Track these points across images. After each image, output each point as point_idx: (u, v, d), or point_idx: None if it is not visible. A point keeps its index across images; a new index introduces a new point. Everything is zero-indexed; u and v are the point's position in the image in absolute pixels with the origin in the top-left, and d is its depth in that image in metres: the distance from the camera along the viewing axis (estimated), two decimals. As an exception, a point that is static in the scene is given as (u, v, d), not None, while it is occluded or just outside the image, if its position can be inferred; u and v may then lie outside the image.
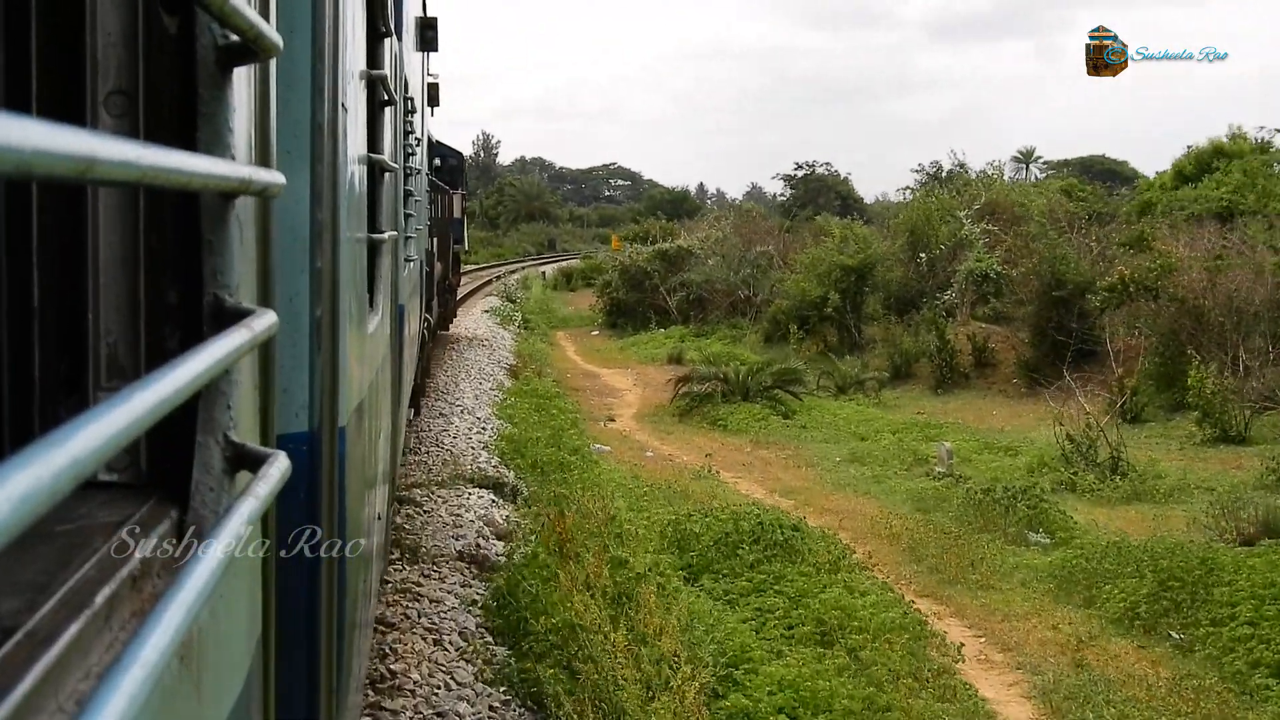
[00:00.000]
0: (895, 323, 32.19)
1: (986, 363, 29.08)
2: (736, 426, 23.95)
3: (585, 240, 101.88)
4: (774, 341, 34.57)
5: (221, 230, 1.53)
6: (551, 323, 45.11)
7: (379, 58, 5.30)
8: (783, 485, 18.72)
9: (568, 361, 34.89)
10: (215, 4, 1.27)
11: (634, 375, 31.90)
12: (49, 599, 1.14)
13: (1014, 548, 15.03)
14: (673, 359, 33.10)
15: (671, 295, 41.56)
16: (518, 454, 15.74)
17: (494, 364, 26.17)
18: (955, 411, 26.32)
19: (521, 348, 30.93)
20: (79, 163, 0.75)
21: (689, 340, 36.82)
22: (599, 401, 27.37)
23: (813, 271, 34.49)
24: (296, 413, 3.11)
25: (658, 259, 43.55)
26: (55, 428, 1.57)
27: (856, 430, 23.76)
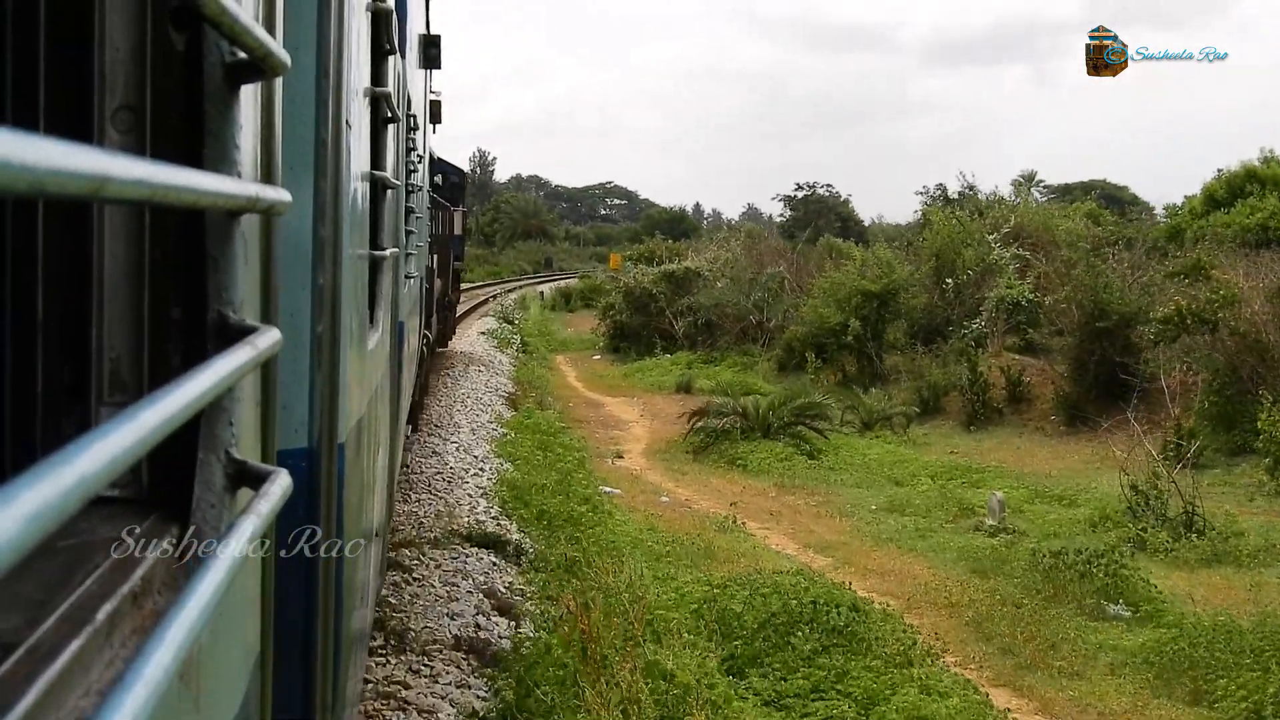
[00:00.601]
0: (922, 353, 30.04)
1: (1021, 397, 26.93)
2: (758, 467, 21.68)
3: (582, 259, 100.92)
4: (788, 370, 32.63)
5: (226, 247, 1.53)
6: (551, 346, 42.83)
7: (383, 75, 5.31)
8: (817, 539, 16.74)
9: (569, 389, 32.56)
10: (225, 22, 1.28)
11: (640, 405, 29.60)
12: (50, 615, 1.14)
13: (1092, 622, 12.93)
14: (681, 388, 31.19)
15: (678, 319, 39.34)
16: (521, 502, 14.33)
17: (491, 392, 24.87)
18: (991, 451, 24.17)
19: (520, 373, 29.52)
20: (92, 181, 0.76)
21: (697, 367, 34.85)
22: (604, 435, 25.10)
23: (831, 297, 32.33)
24: (296, 429, 3.11)
25: (664, 281, 41.21)
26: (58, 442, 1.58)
27: (890, 473, 21.59)
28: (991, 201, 43.25)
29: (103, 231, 1.60)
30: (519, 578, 11.29)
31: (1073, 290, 26.75)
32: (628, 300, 41.03)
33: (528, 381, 28.14)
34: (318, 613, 3.12)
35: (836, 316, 31.22)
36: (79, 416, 1.62)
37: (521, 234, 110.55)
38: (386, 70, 5.42)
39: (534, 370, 31.80)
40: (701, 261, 43.33)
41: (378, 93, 5.01)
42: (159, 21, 1.58)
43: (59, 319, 1.62)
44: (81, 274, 1.60)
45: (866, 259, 33.75)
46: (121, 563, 1.32)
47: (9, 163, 0.63)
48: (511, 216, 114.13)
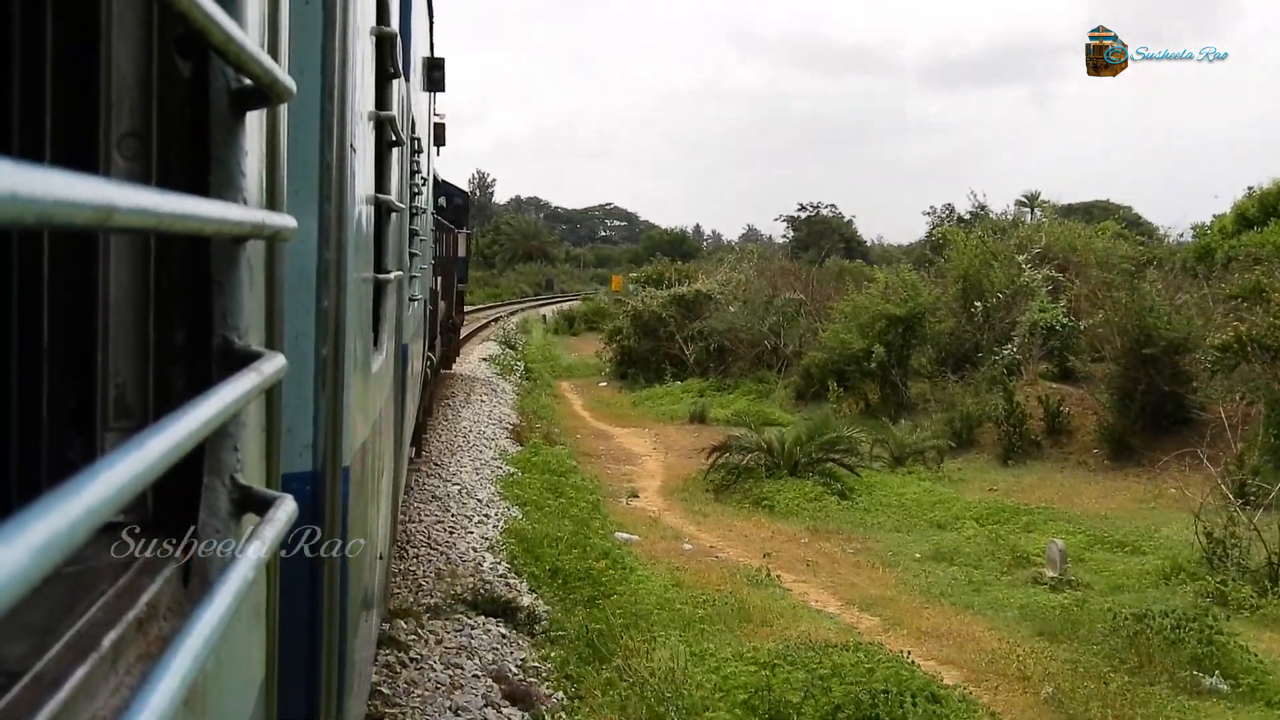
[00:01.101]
0: (953, 380, 27.77)
1: (1061, 429, 24.76)
2: (786, 508, 19.70)
3: (583, 281, 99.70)
4: (807, 399, 30.65)
5: (232, 272, 1.53)
6: (555, 372, 40.76)
7: (387, 99, 5.33)
8: (860, 594, 14.95)
9: (576, 419, 30.60)
10: (230, 49, 1.28)
11: (652, 437, 27.57)
12: (56, 642, 1.14)
13: (1191, 700, 11.18)
14: (695, 418, 29.18)
15: (689, 345, 37.21)
16: (531, 557, 12.91)
17: (495, 423, 23.49)
18: (1033, 488, 21.97)
19: (525, 403, 28.15)
20: (99, 212, 0.76)
21: (710, 395, 32.85)
22: (616, 470, 23.02)
23: (853, 321, 30.08)
24: (300, 452, 3.11)
25: (673, 304, 39.00)
26: (63, 467, 1.58)
27: (931, 515, 19.55)
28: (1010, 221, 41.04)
29: (108, 257, 1.60)
30: (533, 652, 10.10)
31: (1113, 313, 25.02)
32: (636, 325, 39.00)
33: (533, 411, 26.96)
34: (322, 637, 3.11)
35: (859, 342, 29.20)
36: (84, 442, 1.62)
37: (522, 256, 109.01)
38: (391, 93, 5.44)
39: (539, 399, 30.54)
40: (712, 284, 41.28)
41: (382, 116, 5.02)
42: (165, 48, 1.58)
43: (64, 344, 1.63)
44: (87, 299, 1.60)
45: (890, 281, 31.17)
46: (126, 589, 1.32)
47: (16, 195, 0.63)
48: (512, 238, 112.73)
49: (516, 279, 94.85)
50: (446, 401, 25.43)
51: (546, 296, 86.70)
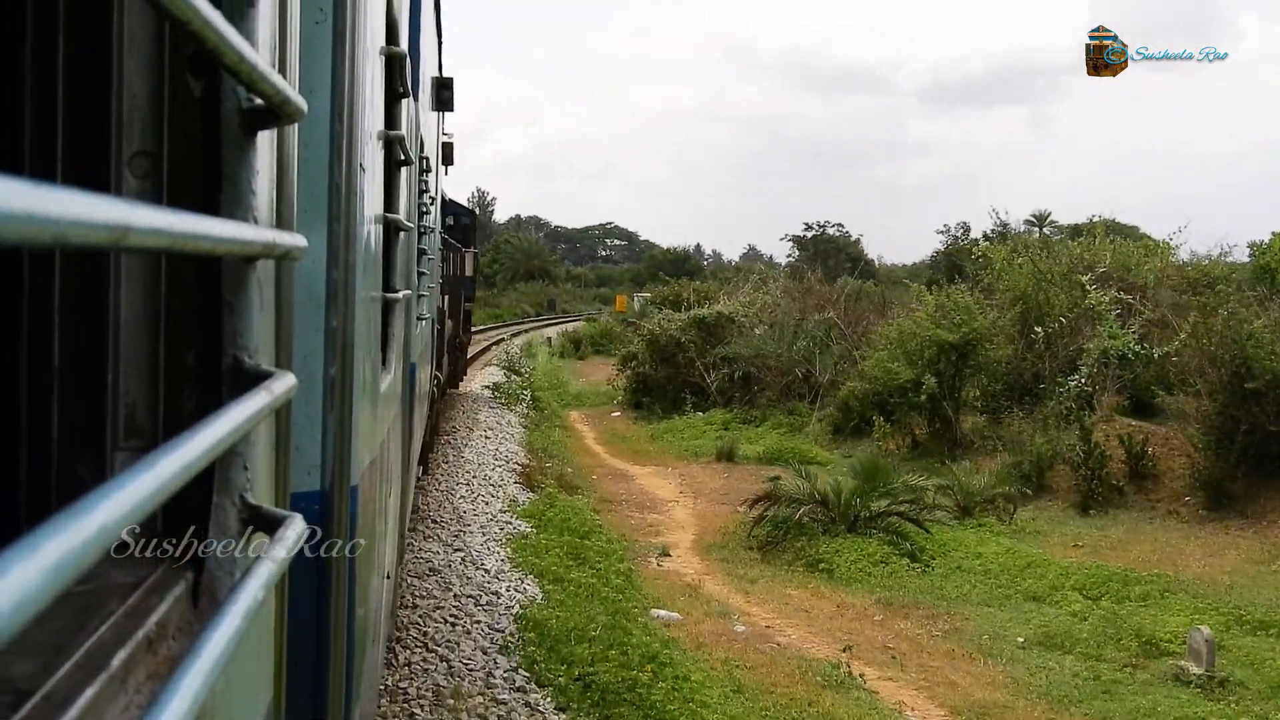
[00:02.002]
0: (1019, 416, 24.55)
1: (1145, 473, 21.34)
2: (849, 573, 16.70)
3: (586, 301, 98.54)
4: (845, 433, 27.63)
5: (242, 292, 1.53)
6: (563, 400, 37.15)
7: (396, 118, 5.34)
8: (965, 698, 12.14)
9: (589, 455, 27.26)
10: (242, 69, 1.28)
11: (677, 477, 24.30)
12: (65, 661, 1.14)
13: None
14: (723, 455, 25.94)
15: (710, 372, 33.86)
16: (557, 659, 10.20)
17: (502, 464, 20.60)
18: (1124, 545, 18.84)
19: (533, 438, 25.15)
20: (113, 232, 0.76)
21: (736, 429, 29.70)
22: (640, 520, 19.83)
23: (900, 348, 26.65)
24: (309, 471, 3.11)
25: (693, 328, 35.43)
26: (73, 486, 1.58)
27: (1022, 583, 16.39)
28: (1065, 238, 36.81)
29: (119, 277, 1.61)
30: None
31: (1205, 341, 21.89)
32: (652, 350, 35.55)
33: (543, 449, 24.10)
34: (329, 655, 3.11)
35: (907, 372, 25.83)
36: (94, 461, 1.62)
37: (523, 275, 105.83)
38: (400, 113, 5.45)
39: (548, 433, 27.50)
40: (735, 306, 37.75)
41: (391, 136, 5.03)
42: (176, 67, 1.59)
43: (75, 363, 1.63)
44: (97, 318, 1.61)
45: (941, 304, 27.16)
46: (136, 608, 1.32)
47: (32, 216, 0.63)
48: (513, 257, 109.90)
49: (518, 299, 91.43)
50: (447, 439, 22.73)
51: (549, 317, 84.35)
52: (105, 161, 1.59)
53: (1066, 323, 26.61)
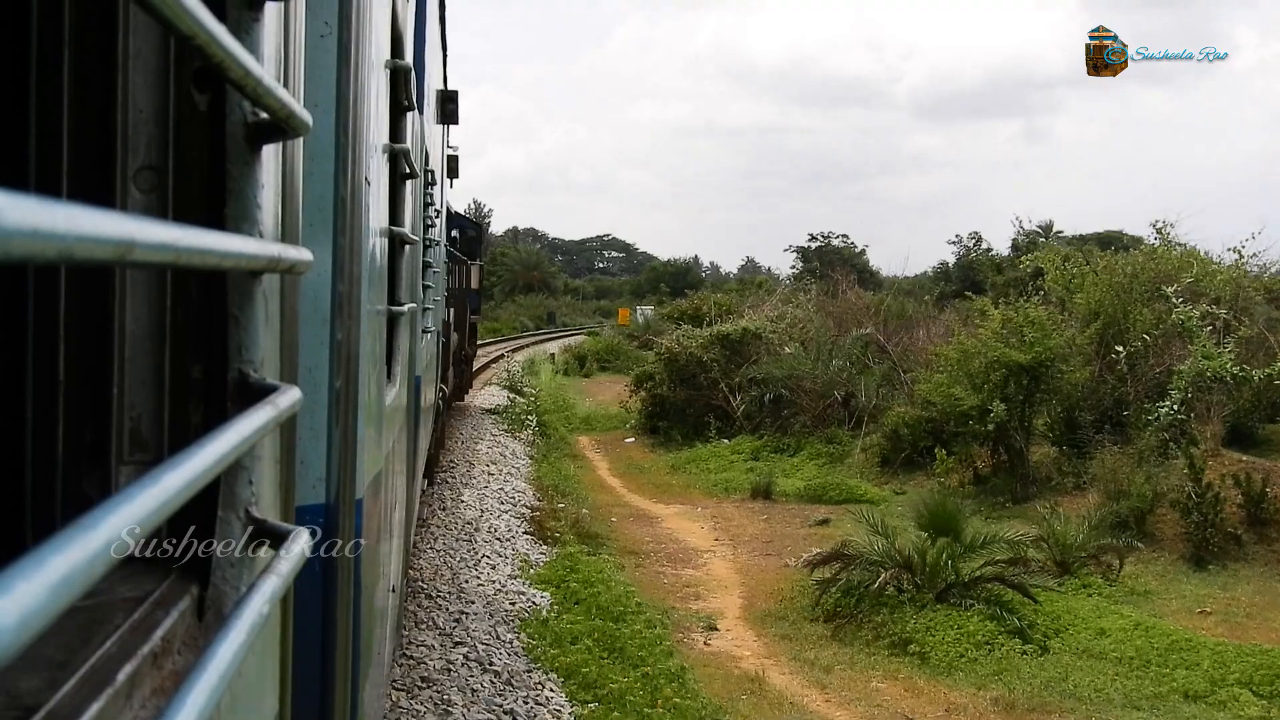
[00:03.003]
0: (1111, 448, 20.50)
1: (1266, 519, 17.76)
2: (946, 658, 13.20)
3: (586, 313, 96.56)
4: (895, 465, 24.15)
5: (248, 306, 1.54)
6: (571, 424, 33.47)
7: (401, 131, 5.35)
8: None
9: (605, 491, 23.59)
10: (248, 83, 1.29)
11: (709, 518, 20.78)
12: (70, 676, 1.14)
13: None
14: (758, 491, 22.44)
15: (737, 394, 30.17)
16: None
17: (508, 509, 17.81)
18: (1262, 612, 15.39)
19: (542, 472, 22.26)
20: (119, 247, 0.76)
21: (767, 458, 26.25)
22: (674, 577, 16.47)
23: (962, 369, 23.06)
24: (314, 484, 3.11)
25: (716, 345, 31.62)
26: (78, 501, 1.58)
27: (1171, 674, 12.83)
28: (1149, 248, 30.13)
29: (124, 290, 1.61)
30: None
31: None
32: (671, 369, 31.77)
33: (554, 485, 20.98)
34: (335, 668, 3.11)
35: (972, 398, 22.25)
36: (100, 475, 1.62)
37: (522, 287, 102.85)
38: (405, 126, 5.46)
39: (558, 465, 24.29)
40: (761, 321, 33.79)
41: (396, 149, 5.04)
42: (182, 82, 1.59)
43: (80, 377, 1.63)
44: (103, 333, 1.61)
45: (1011, 319, 23.45)
46: (141, 623, 1.32)
47: (38, 231, 0.63)
48: (512, 269, 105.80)
49: (517, 311, 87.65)
50: (445, 475, 19.81)
51: (549, 330, 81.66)
52: (111, 176, 1.59)
53: (1150, 340, 23.21)
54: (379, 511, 4.48)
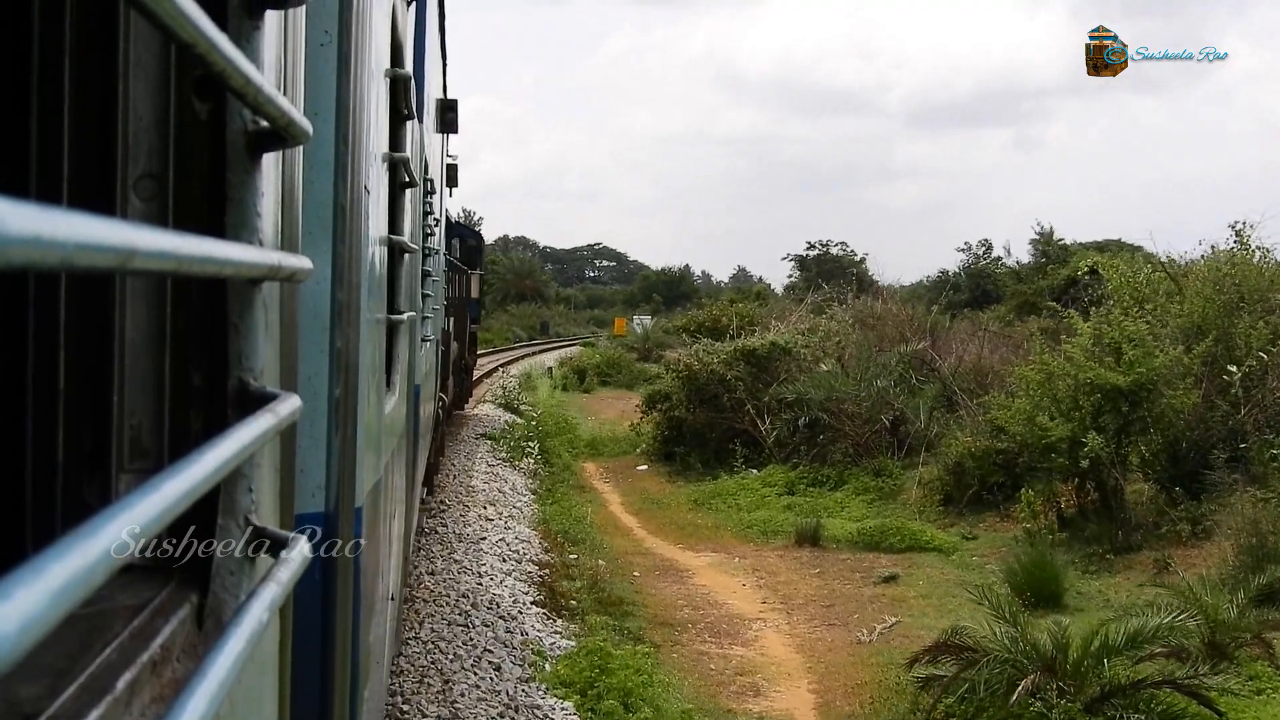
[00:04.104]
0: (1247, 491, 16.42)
1: None
2: None
3: (580, 323, 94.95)
4: (960, 505, 20.18)
5: (248, 314, 1.54)
6: (575, 449, 29.35)
7: (401, 140, 5.35)
8: None
9: (621, 532, 19.92)
10: (248, 91, 1.29)
11: (749, 572, 17.06)
12: (70, 684, 1.14)
13: None
14: (804, 537, 18.59)
15: (766, 417, 26.07)
16: None
17: (511, 567, 14.39)
18: None
19: (550, 514, 19.00)
20: (119, 255, 0.76)
21: (805, 492, 22.51)
22: (721, 660, 12.74)
23: (1046, 393, 18.93)
24: (313, 493, 3.11)
25: (741, 361, 27.60)
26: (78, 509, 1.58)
27: None
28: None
29: (124, 298, 1.61)
30: None
31: None
32: (689, 387, 27.86)
33: (564, 532, 17.84)
34: (334, 676, 3.10)
35: (1061, 427, 18.18)
36: (99, 483, 1.62)
37: (514, 296, 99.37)
38: (404, 135, 5.47)
39: (567, 503, 20.98)
40: (790, 334, 29.56)
41: (396, 158, 5.05)
42: (183, 90, 1.59)
43: (80, 385, 1.63)
44: (103, 340, 1.61)
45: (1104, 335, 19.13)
46: (141, 630, 1.32)
47: (39, 238, 0.63)
48: (503, 278, 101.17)
49: (509, 321, 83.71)
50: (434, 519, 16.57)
51: (543, 341, 77.98)
52: (111, 184, 1.60)
53: (1267, 359, 19.21)
54: (378, 520, 4.48)
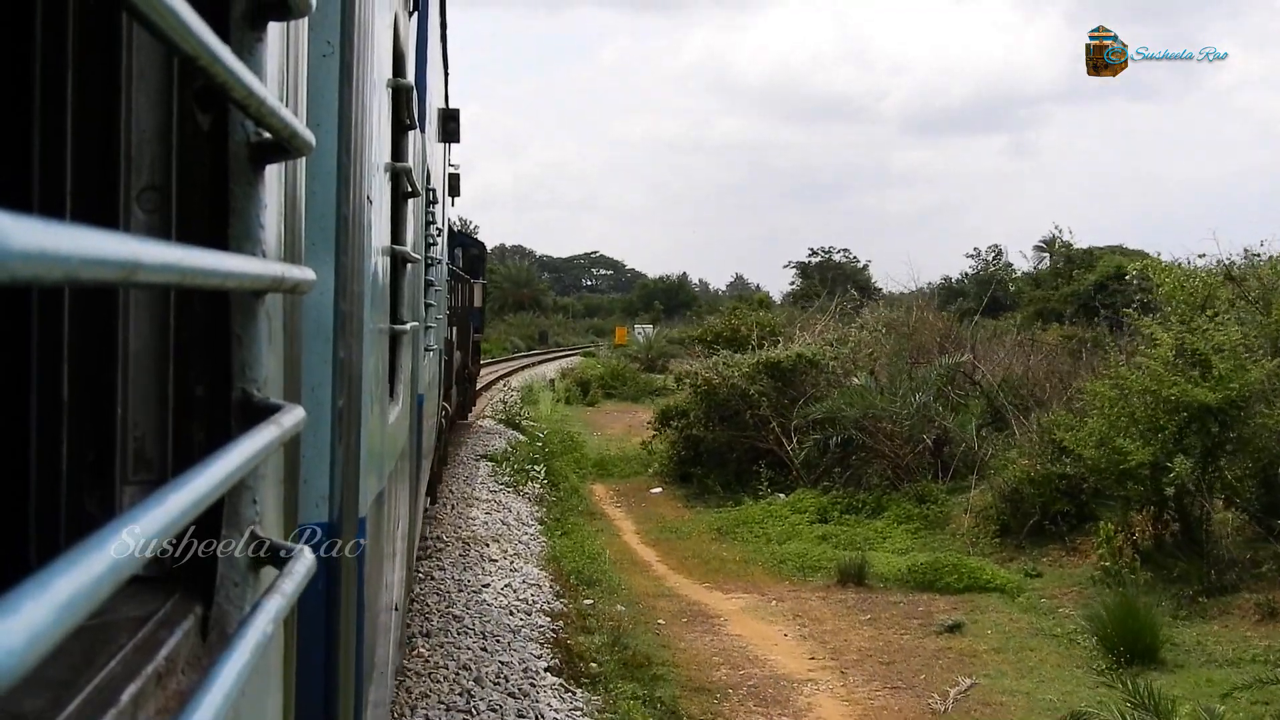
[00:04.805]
0: None
1: None
2: None
3: (578, 332, 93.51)
4: (1019, 537, 17.76)
5: (251, 325, 1.54)
6: (582, 469, 26.89)
7: (403, 150, 5.36)
8: None
9: (639, 568, 17.55)
10: (251, 103, 1.29)
11: (790, 618, 14.52)
12: (75, 696, 1.14)
13: None
14: (848, 575, 16.28)
15: (793, 436, 23.40)
16: None
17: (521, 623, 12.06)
18: None
19: (560, 550, 16.79)
20: (123, 268, 0.76)
21: (840, 520, 20.07)
22: None
23: (1123, 412, 16.45)
24: (317, 503, 3.11)
25: (765, 375, 24.97)
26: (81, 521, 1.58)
27: None
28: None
29: (127, 309, 1.61)
30: None
31: None
32: (707, 403, 25.55)
33: (577, 572, 15.61)
34: (338, 686, 3.10)
35: (1142, 451, 15.64)
36: (102, 495, 1.62)
37: (512, 305, 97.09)
38: (407, 145, 5.47)
39: (578, 535, 18.71)
40: (818, 345, 26.82)
41: (398, 168, 5.05)
42: (185, 102, 1.59)
43: (83, 396, 1.63)
44: (106, 351, 1.61)
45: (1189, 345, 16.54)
46: (145, 642, 1.32)
47: (44, 253, 0.63)
48: (501, 287, 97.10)
49: (507, 331, 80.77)
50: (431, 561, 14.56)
51: (542, 351, 76.00)
52: (114, 197, 1.60)
53: None
54: (382, 530, 4.48)
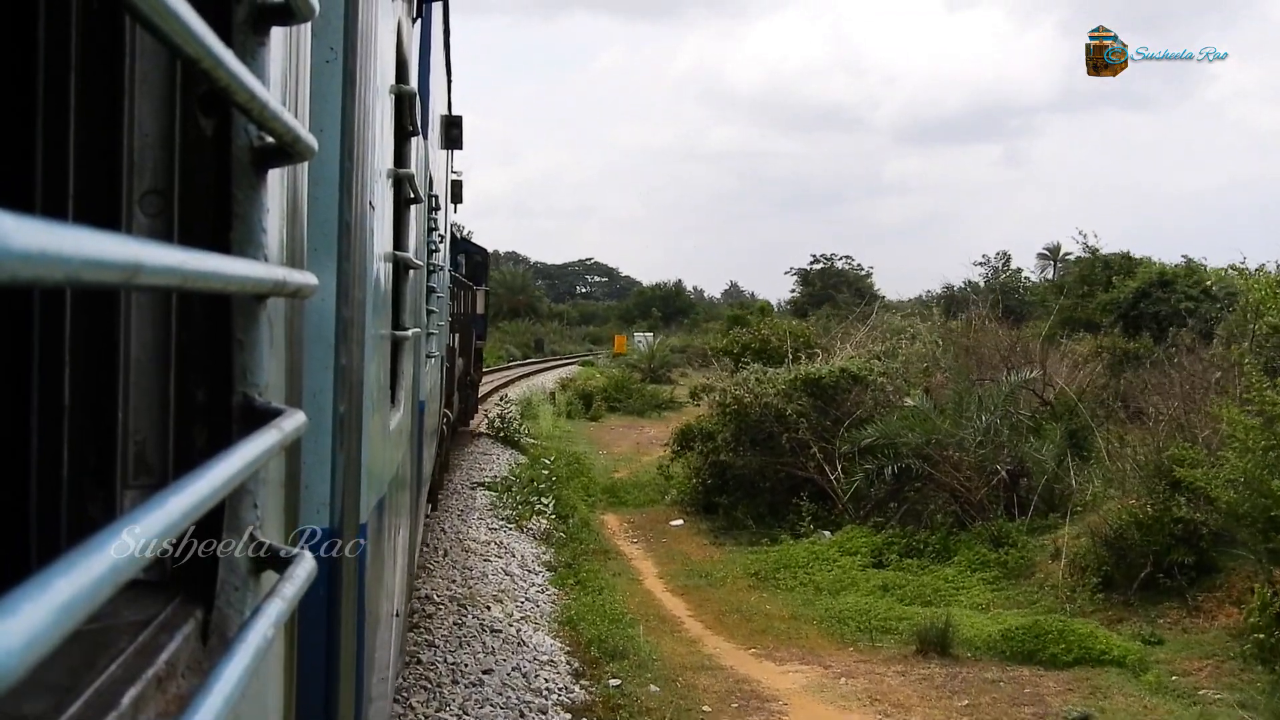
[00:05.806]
0: None
1: None
2: None
3: (575, 340, 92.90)
4: (1128, 592, 14.83)
5: (253, 329, 1.54)
6: (592, 495, 23.82)
7: (406, 156, 5.36)
8: None
9: (668, 627, 14.47)
10: (254, 107, 1.29)
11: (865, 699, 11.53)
12: (75, 700, 1.14)
13: None
14: (929, 643, 13.19)
15: (838, 463, 20.39)
16: None
17: None
18: None
19: (577, 612, 13.64)
20: (125, 270, 0.76)
21: (900, 566, 17.15)
22: None
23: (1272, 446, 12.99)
24: (318, 508, 3.11)
25: (804, 393, 21.83)
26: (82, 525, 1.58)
27: None
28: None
29: (129, 313, 1.61)
30: None
31: None
32: (736, 424, 22.14)
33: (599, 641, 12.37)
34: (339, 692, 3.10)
35: None
36: (104, 499, 1.62)
37: (508, 312, 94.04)
38: (409, 151, 5.47)
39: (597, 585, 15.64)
40: (862, 360, 23.64)
41: (400, 174, 5.05)
42: (188, 106, 1.60)
43: (85, 400, 1.63)
44: (107, 356, 1.61)
45: None
46: (146, 646, 1.31)
47: (45, 254, 0.63)
48: (496, 293, 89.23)
49: (502, 339, 76.61)
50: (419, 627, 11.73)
51: (538, 359, 73.90)
52: (117, 200, 1.60)
53: None
54: (383, 535, 4.48)
